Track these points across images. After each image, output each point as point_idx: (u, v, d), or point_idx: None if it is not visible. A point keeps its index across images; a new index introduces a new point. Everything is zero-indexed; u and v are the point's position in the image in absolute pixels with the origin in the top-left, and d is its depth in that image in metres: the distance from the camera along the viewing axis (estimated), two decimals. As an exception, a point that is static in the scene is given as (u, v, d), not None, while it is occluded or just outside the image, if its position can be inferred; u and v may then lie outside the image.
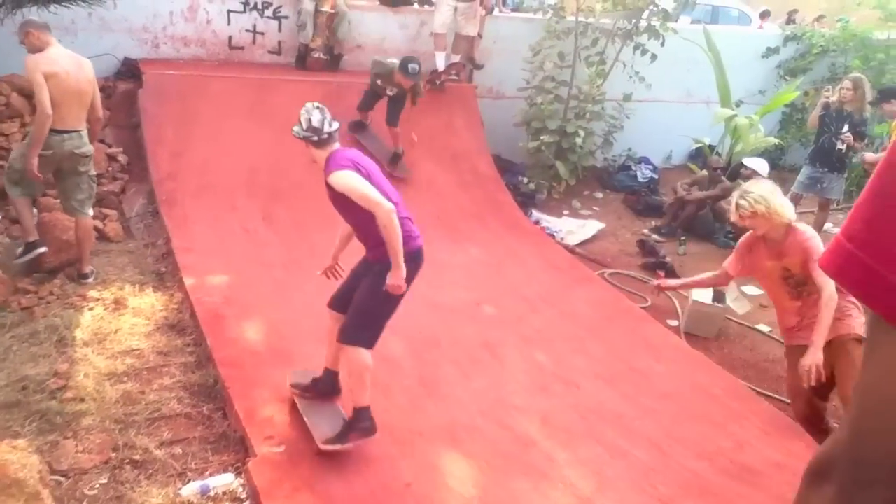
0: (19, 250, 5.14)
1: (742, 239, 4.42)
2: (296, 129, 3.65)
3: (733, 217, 4.14)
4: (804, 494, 0.70)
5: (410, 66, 6.72)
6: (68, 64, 4.91)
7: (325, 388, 4.04)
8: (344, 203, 3.56)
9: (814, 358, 3.86)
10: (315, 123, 3.60)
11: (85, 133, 5.09)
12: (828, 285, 3.85)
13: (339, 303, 3.83)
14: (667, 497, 4.01)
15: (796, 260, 4.04)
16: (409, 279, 3.62)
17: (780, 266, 4.12)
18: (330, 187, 3.55)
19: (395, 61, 6.87)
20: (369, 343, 3.65)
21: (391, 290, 3.53)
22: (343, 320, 3.71)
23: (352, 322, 3.65)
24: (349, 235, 3.95)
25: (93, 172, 5.25)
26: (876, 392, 0.64)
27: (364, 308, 3.64)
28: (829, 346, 3.94)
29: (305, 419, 3.87)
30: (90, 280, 5.13)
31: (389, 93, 7.05)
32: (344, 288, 3.86)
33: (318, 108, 3.68)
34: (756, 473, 4.37)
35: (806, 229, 4.07)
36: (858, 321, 4.01)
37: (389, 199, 3.49)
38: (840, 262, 0.66)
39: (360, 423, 3.72)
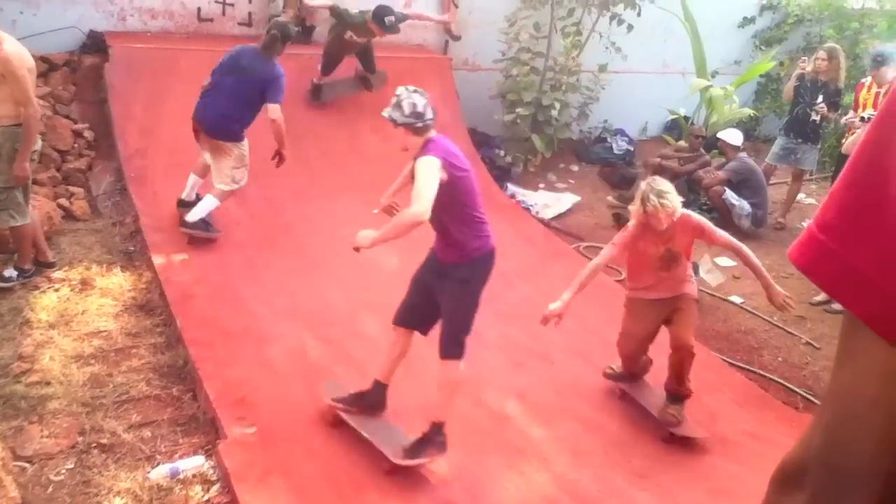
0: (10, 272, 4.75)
1: (626, 233, 4.33)
2: (394, 114, 3.46)
3: (655, 216, 3.98)
4: (773, 500, 0.67)
5: (387, 18, 6.59)
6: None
7: (374, 401, 3.84)
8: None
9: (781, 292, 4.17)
10: (420, 109, 3.45)
11: None
12: (734, 243, 4.27)
13: (410, 317, 3.72)
14: (641, 469, 4.04)
15: (685, 240, 4.25)
16: (482, 282, 3.58)
17: (663, 249, 4.20)
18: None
19: (364, 14, 6.73)
20: (464, 353, 3.57)
21: (357, 246, 3.51)
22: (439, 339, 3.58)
23: (451, 336, 3.53)
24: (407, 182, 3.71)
25: None
26: (851, 397, 0.61)
27: (459, 319, 3.53)
28: (669, 302, 4.25)
29: (367, 436, 3.70)
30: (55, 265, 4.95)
31: (359, 43, 6.93)
32: (412, 302, 3.73)
33: (418, 92, 3.53)
34: (729, 444, 4.41)
35: (684, 211, 4.21)
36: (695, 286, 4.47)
37: (471, 204, 3.51)
38: (812, 255, 0.62)
39: (437, 437, 3.61)
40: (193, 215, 5.34)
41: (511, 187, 7.97)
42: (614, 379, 4.64)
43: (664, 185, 4.10)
